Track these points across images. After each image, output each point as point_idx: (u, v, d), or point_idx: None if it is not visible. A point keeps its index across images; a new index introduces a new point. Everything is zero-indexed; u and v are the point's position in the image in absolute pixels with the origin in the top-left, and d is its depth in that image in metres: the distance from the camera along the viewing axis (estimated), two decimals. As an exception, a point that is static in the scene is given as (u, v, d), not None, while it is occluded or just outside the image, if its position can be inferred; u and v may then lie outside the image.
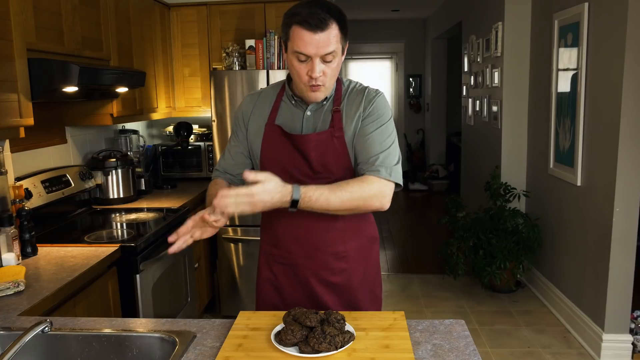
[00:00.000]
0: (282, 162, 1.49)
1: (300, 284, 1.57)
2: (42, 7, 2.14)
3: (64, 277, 1.83)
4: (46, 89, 2.08)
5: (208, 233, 1.37)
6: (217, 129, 3.36)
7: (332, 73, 1.41)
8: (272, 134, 1.50)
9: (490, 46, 4.52)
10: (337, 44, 1.37)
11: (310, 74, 1.37)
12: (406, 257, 4.63)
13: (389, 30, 8.60)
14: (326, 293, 1.56)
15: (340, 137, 1.45)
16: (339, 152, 1.46)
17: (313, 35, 1.32)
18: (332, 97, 1.50)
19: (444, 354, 1.22)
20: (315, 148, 1.45)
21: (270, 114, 1.52)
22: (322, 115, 1.49)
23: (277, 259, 1.59)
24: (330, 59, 1.37)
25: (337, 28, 1.36)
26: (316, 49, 1.33)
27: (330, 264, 1.55)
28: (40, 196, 2.44)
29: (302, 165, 1.47)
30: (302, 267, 1.55)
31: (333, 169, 1.47)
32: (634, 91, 2.69)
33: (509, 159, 4.21)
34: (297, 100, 1.50)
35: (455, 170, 7.54)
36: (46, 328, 1.15)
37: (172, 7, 3.66)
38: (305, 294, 1.57)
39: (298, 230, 1.52)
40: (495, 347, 3.13)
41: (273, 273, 1.61)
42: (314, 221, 1.49)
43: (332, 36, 1.34)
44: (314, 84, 1.39)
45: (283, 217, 1.51)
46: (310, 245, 1.53)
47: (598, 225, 2.98)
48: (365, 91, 1.51)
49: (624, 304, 2.89)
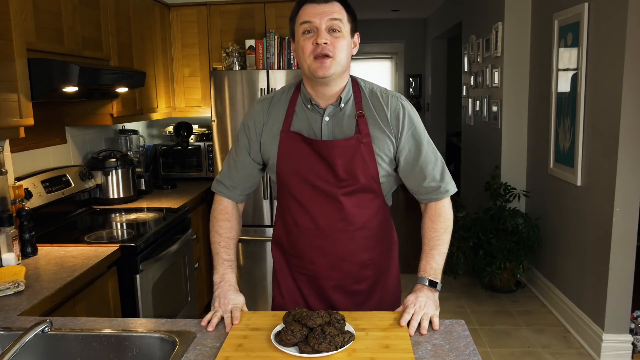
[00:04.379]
0: (301, 171, 1.43)
1: (323, 294, 1.53)
2: (42, 7, 2.13)
3: (64, 277, 1.83)
4: (46, 89, 2.08)
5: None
6: (217, 129, 3.36)
7: (341, 47, 1.37)
8: (288, 141, 1.44)
9: (490, 46, 4.52)
10: (342, 17, 1.37)
11: (317, 41, 1.34)
12: (406, 257, 4.62)
13: (389, 30, 8.60)
14: (349, 301, 1.52)
15: (368, 144, 1.41)
16: (366, 159, 1.41)
17: (317, 6, 1.36)
18: (351, 101, 1.45)
19: (444, 354, 1.22)
20: (342, 154, 1.40)
21: (285, 120, 1.45)
22: (344, 120, 1.43)
23: (299, 270, 1.55)
24: (337, 29, 1.36)
25: (342, 7, 1.38)
26: (320, 16, 1.35)
27: (355, 273, 1.51)
28: (40, 196, 2.44)
29: (325, 173, 1.42)
30: (326, 278, 1.51)
31: (359, 177, 1.42)
32: (634, 91, 2.69)
33: (509, 159, 4.21)
34: (314, 105, 1.44)
35: (455, 170, 7.54)
36: (46, 328, 1.15)
37: (172, 7, 3.66)
38: (328, 303, 1.53)
39: (322, 242, 1.47)
40: (495, 347, 3.13)
41: (296, 282, 1.56)
42: (338, 232, 1.45)
43: (336, 8, 1.37)
44: (320, 52, 1.34)
45: (304, 228, 1.48)
46: (336, 256, 1.48)
47: (598, 226, 2.97)
48: (388, 97, 1.47)
49: (624, 304, 2.89)
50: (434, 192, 1.49)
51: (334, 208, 1.44)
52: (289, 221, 1.51)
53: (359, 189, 1.43)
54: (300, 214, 1.47)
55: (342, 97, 1.43)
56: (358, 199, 1.44)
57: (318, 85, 1.42)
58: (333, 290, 1.52)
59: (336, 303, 1.53)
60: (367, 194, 1.46)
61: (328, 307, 1.53)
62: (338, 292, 1.52)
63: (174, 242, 2.63)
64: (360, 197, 1.45)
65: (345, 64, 1.40)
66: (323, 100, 1.44)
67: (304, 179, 1.43)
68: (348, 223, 1.45)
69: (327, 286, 1.52)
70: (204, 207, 3.42)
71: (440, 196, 1.50)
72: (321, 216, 1.45)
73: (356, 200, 1.44)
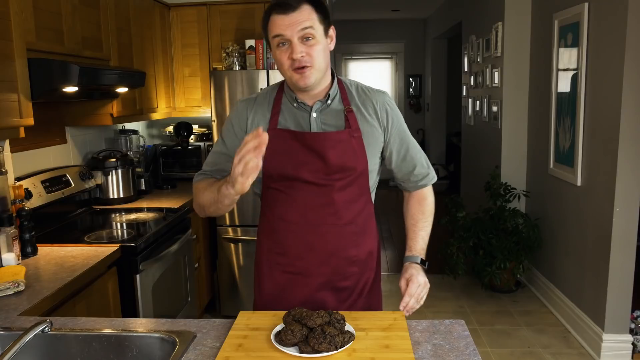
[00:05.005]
0: (291, 167, 1.43)
1: (310, 292, 1.50)
2: (42, 7, 2.13)
3: (64, 277, 1.83)
4: (46, 89, 2.08)
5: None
6: (217, 129, 3.36)
7: (317, 54, 1.37)
8: (276, 139, 1.42)
9: (490, 46, 4.52)
10: (313, 22, 1.35)
11: (292, 56, 1.35)
12: (401, 258, 4.62)
13: (389, 30, 8.60)
14: (334, 298, 1.52)
15: (359, 138, 1.45)
16: (357, 152, 1.44)
17: (285, 17, 1.34)
18: (338, 97, 1.48)
19: (444, 354, 1.22)
20: (334, 146, 1.42)
21: (271, 119, 1.46)
22: (332, 115, 1.46)
23: (284, 268, 1.51)
24: (309, 37, 1.35)
25: (312, 9, 1.36)
26: (290, 28, 1.33)
27: (342, 269, 1.51)
28: (40, 196, 2.44)
29: (317, 167, 1.43)
30: (316, 275, 1.49)
31: (351, 169, 1.44)
32: (634, 91, 2.69)
33: (509, 159, 4.21)
34: (300, 103, 1.46)
35: (455, 170, 7.54)
36: (46, 328, 1.15)
37: (172, 7, 3.66)
38: (313, 301, 1.50)
39: (311, 237, 1.46)
40: (495, 347, 3.13)
41: (278, 283, 1.52)
42: (328, 226, 1.46)
43: (305, 14, 1.34)
44: (297, 66, 1.35)
45: (292, 223, 1.46)
46: (325, 251, 1.47)
47: (598, 225, 2.97)
48: (374, 93, 1.52)
49: (624, 304, 2.89)
50: (423, 179, 1.59)
51: (324, 202, 1.44)
52: (275, 218, 1.49)
53: (349, 182, 1.45)
54: (288, 209, 1.47)
55: (330, 93, 1.46)
56: (348, 193, 1.46)
57: (302, 92, 1.45)
58: (320, 286, 1.50)
59: (323, 300, 1.51)
60: (355, 188, 1.48)
61: (310, 306, 1.49)
62: (326, 289, 1.51)
63: (174, 242, 2.63)
64: (350, 192, 1.47)
65: (325, 67, 1.41)
66: (309, 98, 1.46)
67: (293, 174, 1.43)
68: (338, 217, 1.46)
69: (315, 283, 1.50)
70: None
71: (427, 182, 1.60)
72: (310, 210, 1.45)
73: (346, 195, 1.46)
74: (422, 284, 1.45)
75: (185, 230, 2.85)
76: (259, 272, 1.57)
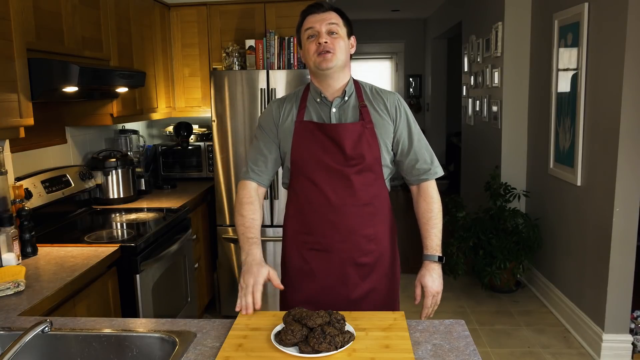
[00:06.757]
0: (315, 153, 1.65)
1: (334, 267, 1.69)
2: (42, 7, 2.14)
3: (64, 277, 1.83)
4: (46, 89, 2.08)
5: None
6: (217, 129, 3.36)
7: (339, 46, 1.62)
8: (303, 129, 1.67)
9: (490, 46, 4.52)
10: (338, 22, 1.64)
11: (319, 41, 1.61)
12: (406, 257, 4.61)
13: (389, 30, 8.60)
14: (356, 274, 1.69)
15: (371, 129, 1.65)
16: (370, 141, 1.65)
17: (317, 15, 1.64)
18: (354, 94, 1.70)
19: (444, 354, 1.22)
20: (350, 136, 1.63)
21: (298, 113, 1.70)
22: (349, 110, 1.68)
23: (311, 246, 1.70)
24: (334, 32, 1.61)
25: (338, 15, 1.65)
26: (319, 22, 1.62)
27: (362, 246, 1.68)
28: (40, 196, 2.44)
29: (335, 153, 1.64)
30: (338, 251, 1.68)
31: (365, 156, 1.64)
32: (634, 91, 2.69)
33: (509, 159, 4.21)
34: (323, 98, 1.68)
35: (455, 170, 7.54)
36: (46, 328, 1.15)
37: (172, 7, 3.66)
38: (337, 276, 1.69)
39: (333, 216, 1.66)
40: (495, 347, 3.13)
41: (305, 260, 1.71)
42: (348, 206, 1.66)
43: (333, 15, 1.64)
44: (322, 50, 1.60)
45: (316, 204, 1.67)
46: (346, 229, 1.66)
47: (598, 225, 2.97)
48: (386, 93, 1.74)
49: (624, 304, 2.89)
50: (425, 174, 1.72)
51: (344, 185, 1.65)
52: (302, 201, 1.70)
53: (364, 167, 1.65)
54: (313, 192, 1.67)
55: (346, 90, 1.69)
56: (364, 177, 1.66)
57: (324, 79, 1.66)
58: (343, 262, 1.68)
59: (346, 274, 1.68)
60: (371, 173, 1.67)
61: (337, 281, 1.68)
62: (348, 264, 1.68)
63: (174, 242, 2.63)
64: (366, 176, 1.66)
65: (344, 59, 1.65)
66: (330, 93, 1.69)
67: (317, 160, 1.65)
68: (356, 199, 1.66)
69: (337, 259, 1.68)
70: (204, 207, 3.42)
71: (429, 177, 1.72)
72: (333, 193, 1.65)
73: (363, 179, 1.66)
74: (435, 293, 1.66)
75: (185, 230, 2.85)
76: (286, 252, 1.77)
